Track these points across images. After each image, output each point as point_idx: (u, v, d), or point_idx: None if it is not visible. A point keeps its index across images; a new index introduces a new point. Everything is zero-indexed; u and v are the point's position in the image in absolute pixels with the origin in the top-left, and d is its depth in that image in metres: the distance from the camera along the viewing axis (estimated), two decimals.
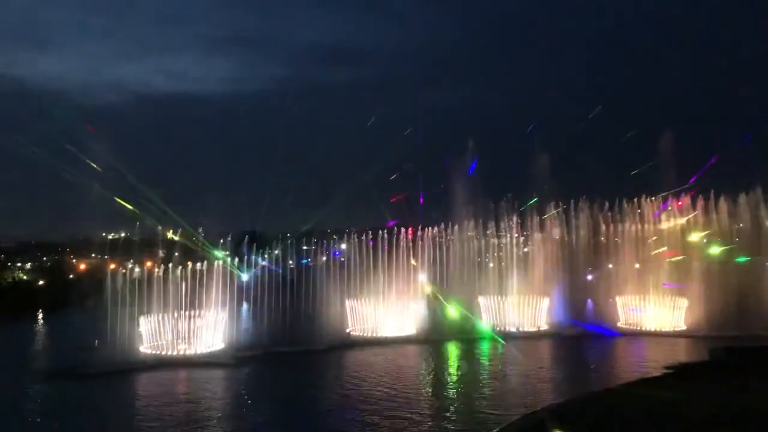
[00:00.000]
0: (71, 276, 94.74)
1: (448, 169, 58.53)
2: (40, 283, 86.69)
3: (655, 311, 53.57)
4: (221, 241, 56.33)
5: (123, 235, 46.72)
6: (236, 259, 50.72)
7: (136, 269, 46.46)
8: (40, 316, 69.71)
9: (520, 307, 54.16)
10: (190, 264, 45.87)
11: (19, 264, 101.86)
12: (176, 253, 48.05)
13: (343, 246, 59.20)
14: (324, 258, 57.80)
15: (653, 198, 56.47)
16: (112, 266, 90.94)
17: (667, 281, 53.93)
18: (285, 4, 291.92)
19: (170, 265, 44.98)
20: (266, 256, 56.61)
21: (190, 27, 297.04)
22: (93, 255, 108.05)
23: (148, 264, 46.75)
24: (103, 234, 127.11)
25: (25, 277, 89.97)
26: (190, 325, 44.22)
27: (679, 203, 56.24)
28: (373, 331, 52.10)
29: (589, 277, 60.60)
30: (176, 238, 47.03)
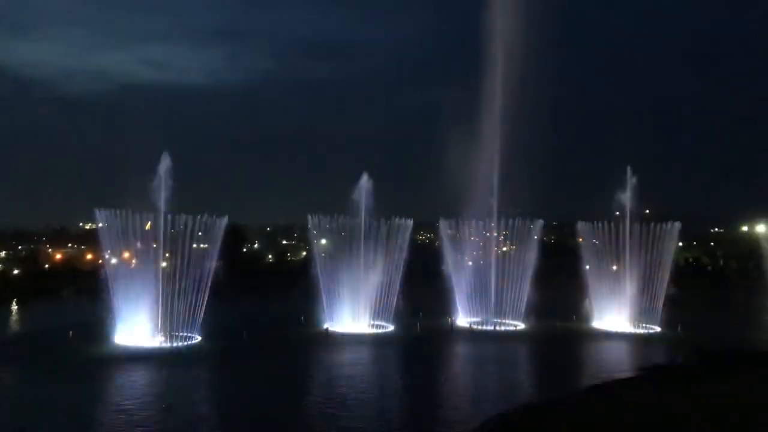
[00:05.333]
0: (47, 266, 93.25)
1: None
2: (15, 272, 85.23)
3: None
4: (199, 233, 55.30)
5: (100, 225, 45.69)
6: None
7: (113, 260, 45.82)
8: (14, 305, 68.62)
9: None
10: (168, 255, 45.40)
11: None
12: (154, 245, 46.93)
13: (324, 241, 58.61)
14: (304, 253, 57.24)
15: None
16: (89, 256, 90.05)
17: None
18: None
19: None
20: None
21: (175, 18, 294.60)
22: (69, 245, 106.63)
23: (126, 255, 46.07)
24: (80, 224, 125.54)
25: None
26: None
27: None
28: None
29: None
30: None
